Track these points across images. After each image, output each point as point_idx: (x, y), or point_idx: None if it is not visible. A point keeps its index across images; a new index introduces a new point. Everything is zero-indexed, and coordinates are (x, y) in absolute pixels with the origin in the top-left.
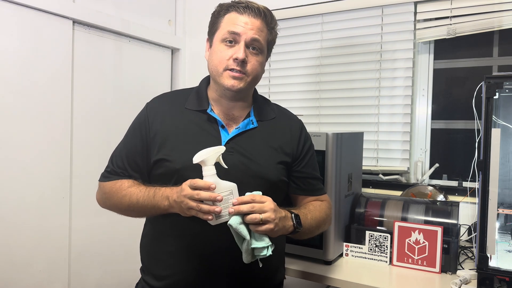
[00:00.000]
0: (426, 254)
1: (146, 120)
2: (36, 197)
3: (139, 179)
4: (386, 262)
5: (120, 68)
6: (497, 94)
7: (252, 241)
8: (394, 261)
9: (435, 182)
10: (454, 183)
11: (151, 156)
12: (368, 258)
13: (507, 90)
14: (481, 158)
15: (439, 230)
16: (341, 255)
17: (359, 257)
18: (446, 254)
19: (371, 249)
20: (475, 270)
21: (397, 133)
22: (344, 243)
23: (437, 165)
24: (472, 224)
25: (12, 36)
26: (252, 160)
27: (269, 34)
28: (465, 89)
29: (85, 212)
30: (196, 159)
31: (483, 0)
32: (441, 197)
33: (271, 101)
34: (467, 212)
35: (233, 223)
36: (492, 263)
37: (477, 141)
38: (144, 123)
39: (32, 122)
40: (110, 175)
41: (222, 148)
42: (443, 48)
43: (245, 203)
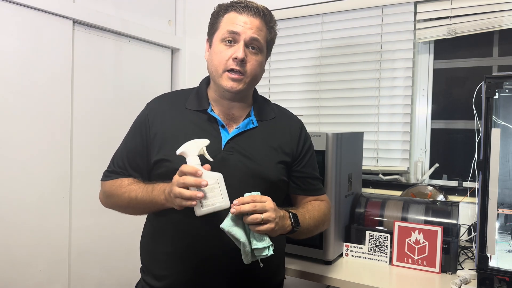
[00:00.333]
0: (426, 254)
1: (146, 121)
2: (36, 197)
3: (139, 179)
4: (386, 262)
5: (120, 68)
6: (497, 94)
7: (253, 242)
8: (394, 261)
9: (435, 182)
10: (454, 183)
11: (152, 156)
12: (368, 258)
13: (507, 90)
14: (481, 158)
15: (439, 230)
16: (341, 255)
17: (359, 257)
18: (446, 254)
19: (371, 249)
20: (475, 270)
21: (397, 133)
22: (344, 243)
23: (437, 165)
24: (472, 224)
25: (12, 36)
26: (252, 160)
27: (269, 34)
28: (465, 89)
29: (85, 212)
30: (178, 151)
31: (483, 0)
32: (441, 197)
33: (271, 101)
34: (467, 212)
35: (225, 227)
36: (492, 263)
37: (477, 141)
38: (144, 124)
39: (32, 122)
40: (111, 174)
41: (205, 141)
42: (443, 48)
43: (246, 203)
